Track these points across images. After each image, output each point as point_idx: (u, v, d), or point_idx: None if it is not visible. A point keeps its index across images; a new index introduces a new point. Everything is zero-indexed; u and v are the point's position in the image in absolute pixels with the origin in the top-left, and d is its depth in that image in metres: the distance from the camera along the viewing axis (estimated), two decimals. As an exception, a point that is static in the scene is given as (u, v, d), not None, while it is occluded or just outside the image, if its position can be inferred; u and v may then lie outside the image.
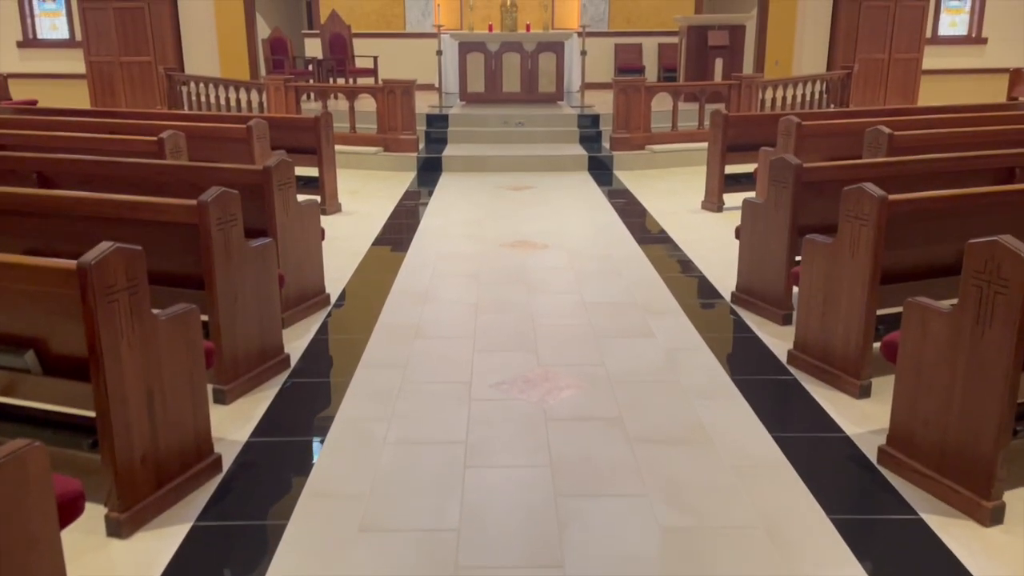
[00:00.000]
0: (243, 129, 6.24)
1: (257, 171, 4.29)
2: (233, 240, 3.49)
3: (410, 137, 9.66)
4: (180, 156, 5.46)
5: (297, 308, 4.55)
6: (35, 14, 13.46)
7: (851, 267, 3.54)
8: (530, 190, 8.42)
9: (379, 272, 5.65)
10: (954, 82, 13.55)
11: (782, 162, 4.33)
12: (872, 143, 5.41)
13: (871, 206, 3.42)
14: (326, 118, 7.24)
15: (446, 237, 6.60)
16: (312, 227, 4.68)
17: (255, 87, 10.25)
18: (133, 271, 2.56)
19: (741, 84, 9.84)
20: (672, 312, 4.78)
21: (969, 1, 13.87)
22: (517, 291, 5.17)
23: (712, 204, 7.36)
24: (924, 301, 2.82)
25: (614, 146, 9.77)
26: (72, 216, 3.59)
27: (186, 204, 3.38)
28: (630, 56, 13.88)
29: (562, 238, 6.52)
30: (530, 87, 11.67)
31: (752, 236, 4.66)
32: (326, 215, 7.17)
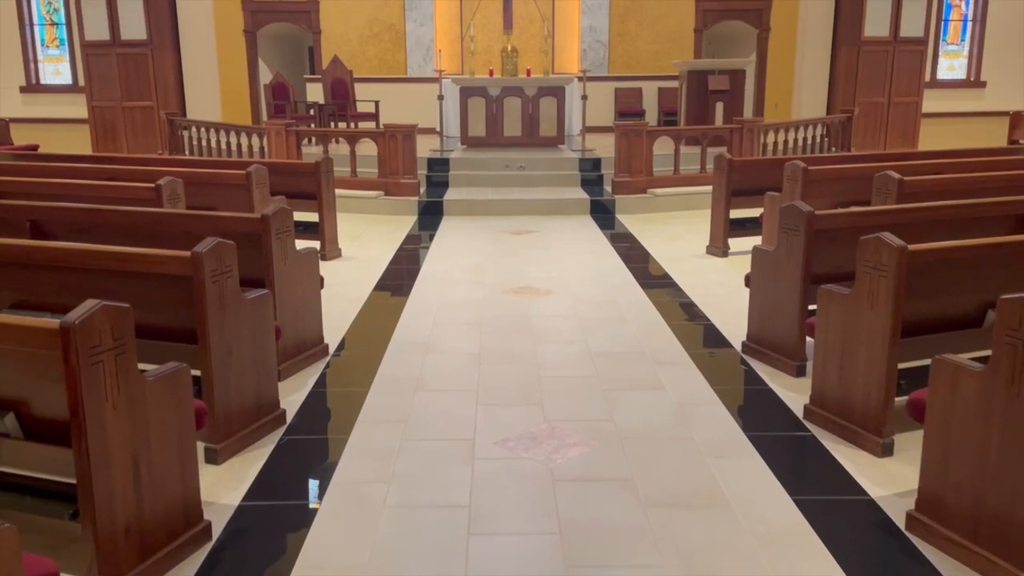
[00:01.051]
0: (242, 175, 6.16)
1: (255, 219, 4.18)
2: (228, 292, 3.37)
3: (411, 181, 9.60)
4: (178, 203, 5.36)
5: (294, 359, 4.40)
6: (39, 59, 13.55)
7: (870, 319, 3.41)
8: (532, 234, 8.33)
9: (379, 320, 5.51)
10: (954, 125, 13.58)
11: (793, 209, 4.22)
12: (881, 188, 5.32)
13: (890, 256, 3.30)
14: (326, 163, 7.18)
15: (448, 283, 6.48)
16: (311, 276, 4.56)
17: (256, 132, 10.24)
18: (120, 330, 2.43)
19: (743, 128, 9.83)
20: (681, 362, 4.63)
21: (967, 46, 13.98)
22: (521, 340, 5.03)
23: (717, 249, 7.26)
24: (954, 359, 2.68)
25: (616, 190, 9.72)
26: (62, 268, 3.46)
27: (179, 256, 3.26)
28: (630, 100, 13.93)
29: (565, 284, 6.40)
30: (531, 131, 11.67)
31: (763, 284, 4.54)
32: (326, 260, 7.08)
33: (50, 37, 13.49)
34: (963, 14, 13.85)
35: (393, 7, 13.88)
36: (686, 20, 13.99)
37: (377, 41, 14.01)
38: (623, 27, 14.06)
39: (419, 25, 13.95)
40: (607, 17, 14.00)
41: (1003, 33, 13.75)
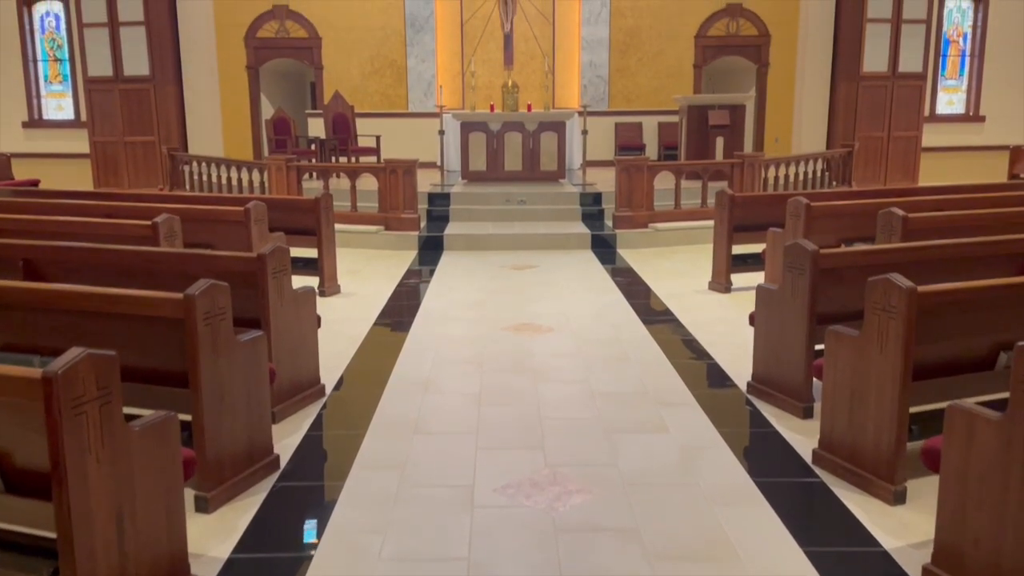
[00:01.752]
0: (240, 211, 6.12)
1: (251, 259, 4.12)
2: (221, 335, 3.29)
3: (412, 216, 9.57)
4: (175, 240, 5.31)
5: (289, 401, 4.30)
6: (42, 95, 13.62)
7: (880, 362, 3.32)
8: (533, 269, 8.27)
9: (378, 358, 5.42)
10: (954, 159, 13.59)
11: (798, 248, 4.16)
12: (886, 225, 5.26)
13: (899, 298, 3.22)
14: (326, 199, 7.14)
15: (447, 319, 6.40)
16: (307, 315, 4.49)
17: (257, 167, 10.23)
18: (105, 379, 2.35)
19: (744, 163, 9.81)
20: (685, 403, 4.53)
21: (965, 80, 14.04)
22: (521, 379, 4.94)
23: (720, 285, 7.19)
24: (968, 407, 2.59)
25: (617, 224, 9.68)
26: (52, 310, 3.39)
27: (171, 298, 3.19)
28: (631, 134, 13.97)
29: (567, 320, 6.32)
30: (532, 165, 11.67)
31: (768, 324, 4.45)
32: (325, 297, 7.01)
33: (53, 73, 13.57)
34: (961, 49, 13.94)
35: (395, 43, 13.98)
36: (685, 56, 14.09)
37: (379, 77, 14.09)
38: (623, 63, 14.15)
39: (420, 61, 14.04)
40: (607, 53, 14.09)
41: (1001, 68, 13.81)
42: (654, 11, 13.94)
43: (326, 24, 13.78)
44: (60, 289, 3.43)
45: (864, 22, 12.48)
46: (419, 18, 13.91)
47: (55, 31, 13.42)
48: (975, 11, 13.81)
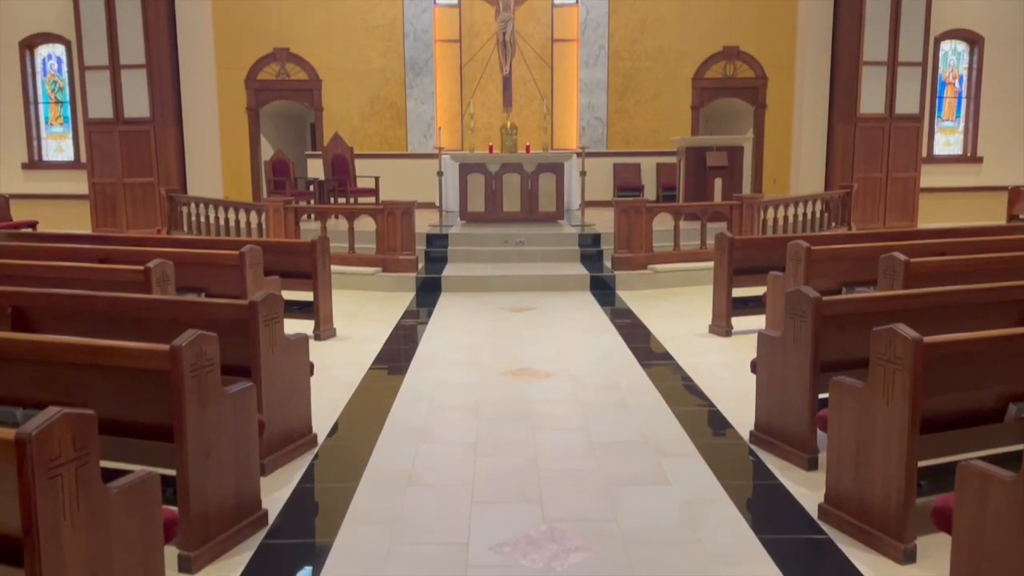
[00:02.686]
0: (235, 255, 6.06)
1: (243, 306, 4.04)
2: (209, 387, 3.20)
3: (409, 257, 9.53)
4: (167, 286, 5.24)
5: (280, 452, 4.19)
6: (42, 137, 13.67)
7: (886, 415, 3.23)
8: (531, 312, 8.19)
9: (372, 405, 5.32)
10: (952, 200, 13.61)
11: (799, 295, 4.08)
12: (888, 270, 5.20)
13: (905, 349, 3.14)
14: (322, 242, 7.09)
15: (444, 364, 6.31)
16: (300, 363, 4.40)
17: (255, 208, 10.22)
18: (82, 440, 2.26)
19: (743, 204, 9.80)
20: (687, 453, 4.42)
21: (962, 122, 14.12)
22: (519, 428, 4.83)
23: (720, 328, 7.10)
24: (980, 466, 2.50)
25: (616, 266, 9.63)
26: (35, 361, 3.30)
27: (157, 349, 3.10)
28: (629, 175, 14.01)
29: (565, 365, 6.22)
30: (530, 207, 11.68)
31: (770, 372, 4.36)
32: (320, 341, 6.93)
33: (54, 115, 13.65)
34: (957, 91, 14.05)
35: (394, 85, 14.10)
36: (683, 97, 14.20)
37: (378, 118, 14.19)
38: (621, 104, 14.26)
39: (420, 103, 14.15)
40: (605, 95, 14.21)
41: (998, 110, 13.90)
42: (651, 54, 14.08)
43: (326, 66, 13.91)
44: (43, 340, 3.35)
45: (860, 65, 12.59)
46: (419, 61, 14.05)
47: (57, 73, 13.53)
48: (970, 54, 13.95)
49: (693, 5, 13.90)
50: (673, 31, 13.97)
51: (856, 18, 12.57)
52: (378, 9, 13.87)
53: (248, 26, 13.64)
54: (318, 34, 13.80)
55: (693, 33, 13.96)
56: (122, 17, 12.12)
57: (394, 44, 13.97)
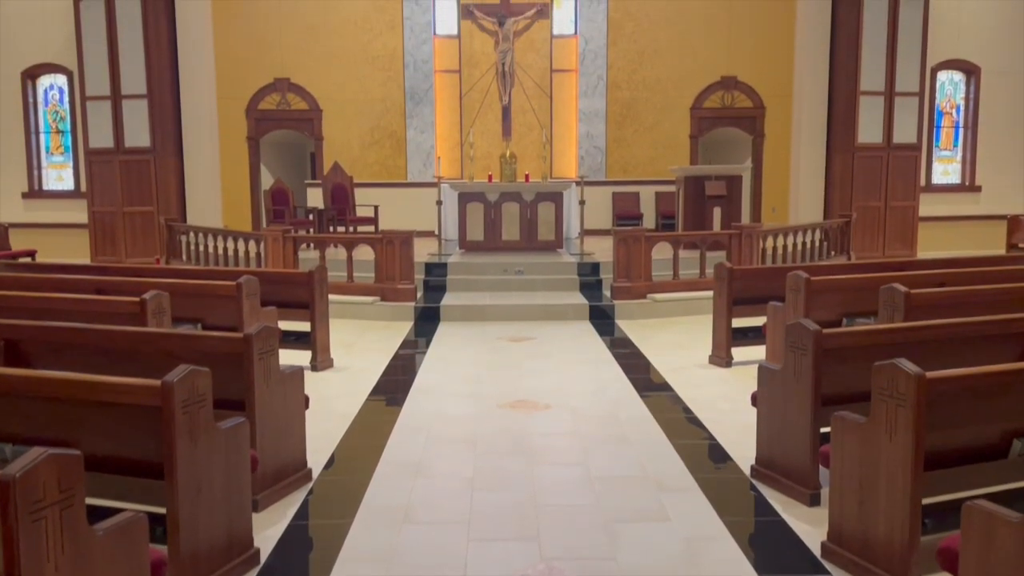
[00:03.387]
0: (232, 286, 6.03)
1: (237, 339, 4.00)
2: (200, 423, 3.15)
3: (408, 287, 9.50)
4: (163, 317, 5.21)
5: (273, 488, 4.13)
6: (43, 166, 13.71)
7: (889, 451, 3.17)
8: (530, 341, 8.14)
9: (368, 438, 5.25)
10: (952, 228, 13.62)
11: (800, 328, 4.05)
12: (888, 302, 5.17)
13: (907, 384, 3.10)
14: (320, 272, 7.07)
15: (442, 395, 6.25)
16: (295, 396, 4.35)
17: (253, 238, 10.21)
18: (68, 480, 2.21)
19: (742, 233, 9.79)
20: (687, 488, 4.35)
21: (960, 151, 14.17)
22: (517, 462, 4.76)
23: (720, 359, 7.05)
24: (988, 507, 2.44)
25: (615, 295, 9.60)
26: (25, 396, 3.25)
27: (149, 385, 3.06)
28: (628, 204, 14.03)
29: (564, 396, 6.16)
30: (529, 235, 11.68)
31: (770, 405, 4.31)
32: (317, 371, 6.88)
33: (55, 144, 13.70)
34: (954, 121, 14.12)
35: (394, 115, 14.18)
36: (681, 127, 14.27)
37: (378, 147, 14.25)
38: (620, 133, 14.33)
39: (419, 132, 14.22)
40: (604, 124, 14.28)
41: (995, 139, 13.96)
42: (649, 84, 14.18)
43: (327, 97, 14.00)
44: (33, 375, 3.30)
45: (858, 94, 12.66)
46: (419, 91, 14.14)
47: (58, 104, 13.61)
48: (967, 84, 14.04)
49: (690, 36, 14.02)
50: (671, 61, 14.08)
51: (853, 48, 12.67)
52: (378, 40, 13.99)
53: (249, 56, 13.75)
54: (319, 64, 13.91)
55: (691, 63, 14.06)
56: (124, 48, 12.21)
57: (394, 74, 14.07)
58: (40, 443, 3.16)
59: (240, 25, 13.65)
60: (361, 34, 13.93)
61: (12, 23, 13.15)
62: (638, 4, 14.01)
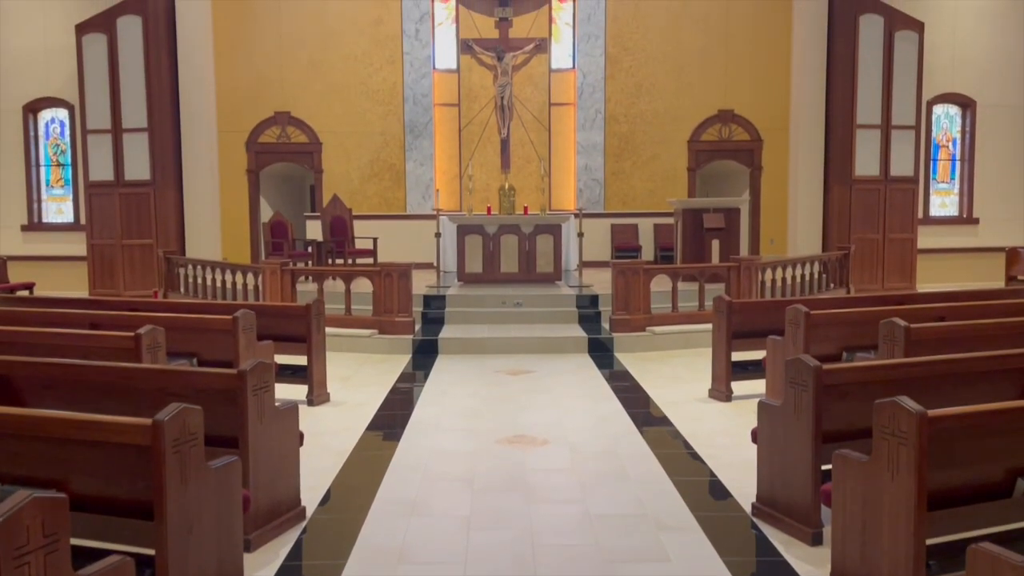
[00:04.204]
0: (228, 320, 6.00)
1: (231, 376, 3.96)
2: (191, 463, 3.10)
3: (406, 319, 9.47)
4: (157, 352, 5.17)
5: (266, 527, 4.05)
6: (43, 199, 13.76)
7: (892, 490, 3.12)
8: (529, 375, 8.09)
9: (363, 475, 5.18)
10: (950, 260, 13.63)
11: (799, 364, 4.01)
12: (888, 336, 5.14)
13: (909, 423, 3.05)
14: (317, 305, 7.04)
15: (439, 431, 6.19)
16: (289, 433, 4.29)
17: (251, 270, 10.20)
18: (53, 524, 2.16)
19: (740, 266, 9.78)
20: (687, 527, 4.28)
21: (957, 184, 14.23)
22: (514, 500, 4.69)
23: (720, 393, 7.00)
24: (993, 550, 2.38)
25: (614, 327, 9.56)
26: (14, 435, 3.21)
27: (139, 424, 3.02)
28: (627, 236, 14.06)
29: (563, 431, 6.10)
30: (528, 268, 11.67)
31: (771, 442, 4.26)
32: (313, 406, 6.82)
33: (55, 177, 13.76)
34: (951, 154, 14.20)
35: (394, 148, 14.26)
36: (679, 159, 14.35)
37: (378, 180, 14.31)
38: (618, 166, 14.40)
39: (419, 165, 14.29)
40: (602, 157, 14.36)
41: (992, 171, 14.03)
42: (647, 117, 14.28)
43: (327, 130, 14.10)
44: (21, 413, 3.26)
45: (854, 127, 12.75)
46: (418, 124, 14.24)
47: (59, 137, 13.69)
48: (963, 117, 14.14)
49: (687, 70, 14.16)
50: (668, 95, 14.20)
51: (849, 82, 12.79)
52: (379, 75, 14.12)
53: (250, 91, 13.87)
54: (319, 98, 14.03)
55: (688, 97, 14.18)
56: (125, 81, 12.33)
57: (394, 108, 14.19)
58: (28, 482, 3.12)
59: (241, 60, 13.79)
60: (361, 69, 14.06)
61: (15, 58, 13.28)
62: (635, 39, 14.16)
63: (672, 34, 14.08)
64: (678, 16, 14.05)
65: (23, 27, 13.20)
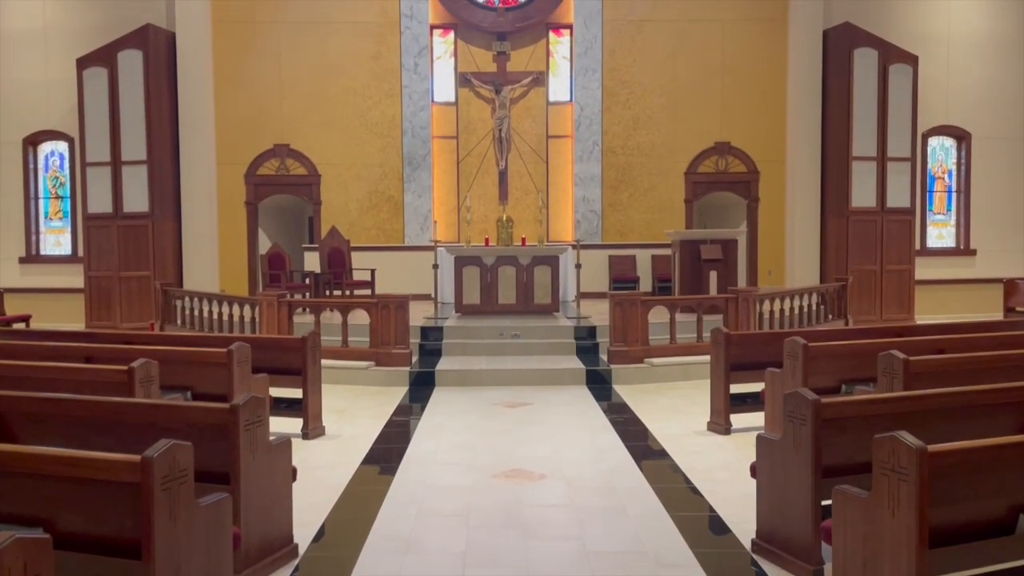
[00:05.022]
0: (223, 353, 5.96)
1: (223, 410, 3.92)
2: (180, 500, 3.05)
3: (403, 351, 9.43)
4: (151, 386, 5.12)
5: (258, 565, 3.98)
6: (41, 231, 13.77)
7: (893, 527, 3.07)
8: (526, 407, 8.03)
9: (358, 510, 5.11)
10: (948, 292, 13.62)
11: (798, 398, 3.97)
12: (887, 369, 5.10)
13: (909, 459, 3.01)
14: (313, 338, 7.00)
15: (435, 465, 6.12)
16: (282, 468, 4.24)
17: (248, 302, 10.18)
18: (35, 566, 2.11)
19: (738, 297, 9.77)
20: (686, 564, 4.21)
21: (953, 215, 14.28)
22: (510, 536, 4.62)
23: (719, 426, 6.94)
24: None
25: (612, 359, 9.52)
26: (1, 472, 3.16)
27: (127, 460, 2.97)
28: (624, 267, 14.06)
29: (560, 465, 6.03)
30: (526, 299, 11.66)
31: (770, 477, 4.20)
32: (308, 439, 6.76)
33: (54, 209, 13.79)
34: (947, 186, 14.27)
35: (392, 180, 14.32)
36: (676, 191, 14.40)
37: (376, 211, 14.35)
38: (615, 198, 14.45)
39: (417, 196, 14.34)
40: (599, 188, 14.42)
41: (988, 203, 14.08)
42: (644, 149, 14.37)
43: (326, 162, 14.17)
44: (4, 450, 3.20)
45: (850, 159, 12.83)
46: (416, 156, 14.32)
47: (59, 169, 13.74)
48: (958, 149, 14.23)
49: (684, 103, 14.27)
50: (665, 127, 14.30)
51: (844, 115, 12.89)
52: (377, 108, 14.22)
53: (249, 124, 13.96)
54: (318, 131, 14.11)
55: (684, 129, 14.28)
56: (125, 115, 12.42)
57: (393, 140, 14.27)
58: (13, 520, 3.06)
59: (241, 93, 13.90)
60: (360, 102, 14.17)
61: (16, 91, 13.37)
62: (632, 73, 14.30)
63: (668, 68, 14.23)
64: (674, 50, 14.21)
65: (24, 60, 13.32)
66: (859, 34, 12.88)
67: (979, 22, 13.90)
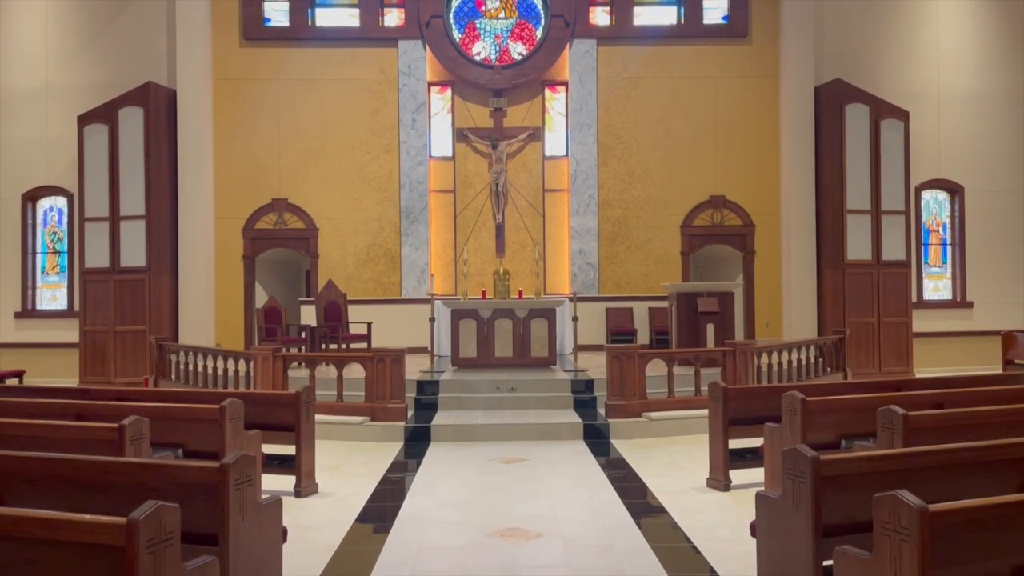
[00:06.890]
0: (215, 410, 5.89)
1: (213, 469, 3.85)
2: (166, 564, 2.96)
3: (399, 406, 9.34)
4: (141, 444, 5.05)
5: (245, 631, 3.87)
6: (37, 286, 13.77)
7: (896, 591, 2.99)
8: (523, 463, 7.91)
9: (350, 573, 4.98)
10: (946, 344, 13.61)
11: (797, 455, 3.91)
12: (886, 424, 5.05)
13: (910, 518, 2.95)
14: (307, 393, 6.94)
15: (430, 523, 6.00)
16: (271, 529, 4.14)
17: (243, 357, 10.12)
18: (8, 638, 2.03)
19: (736, 351, 9.73)
20: (686, 628, 4.09)
21: (949, 267, 14.33)
22: (506, 598, 4.50)
23: (718, 482, 6.83)
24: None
25: (610, 413, 9.43)
26: (-18, 535, 3.08)
27: (112, 523, 2.90)
28: (622, 320, 14.05)
29: (557, 524, 5.91)
30: (523, 352, 11.61)
31: (770, 536, 4.12)
32: (300, 498, 6.63)
33: (51, 264, 13.81)
34: (942, 238, 14.36)
35: (390, 233, 14.40)
36: (672, 244, 14.48)
37: (373, 264, 14.39)
38: (612, 250, 14.52)
39: (414, 249, 14.40)
40: (596, 241, 14.49)
41: (983, 255, 14.16)
42: (640, 203, 14.49)
43: (323, 216, 14.26)
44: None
45: (844, 213, 12.94)
46: (414, 210, 14.42)
47: (57, 224, 13.81)
48: (951, 202, 14.37)
49: (678, 157, 14.45)
50: (660, 181, 14.45)
51: (837, 169, 13.05)
52: (375, 163, 14.38)
53: (248, 178, 14.10)
54: (316, 185, 14.25)
55: (679, 183, 14.43)
56: (124, 170, 12.54)
57: (390, 194, 14.39)
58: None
59: (240, 148, 14.07)
60: (358, 157, 14.34)
61: (16, 147, 13.51)
62: (626, 128, 14.51)
63: (663, 123, 14.44)
64: (668, 106, 14.44)
65: (25, 118, 13.48)
66: (850, 90, 13.11)
67: (968, 79, 14.17)
